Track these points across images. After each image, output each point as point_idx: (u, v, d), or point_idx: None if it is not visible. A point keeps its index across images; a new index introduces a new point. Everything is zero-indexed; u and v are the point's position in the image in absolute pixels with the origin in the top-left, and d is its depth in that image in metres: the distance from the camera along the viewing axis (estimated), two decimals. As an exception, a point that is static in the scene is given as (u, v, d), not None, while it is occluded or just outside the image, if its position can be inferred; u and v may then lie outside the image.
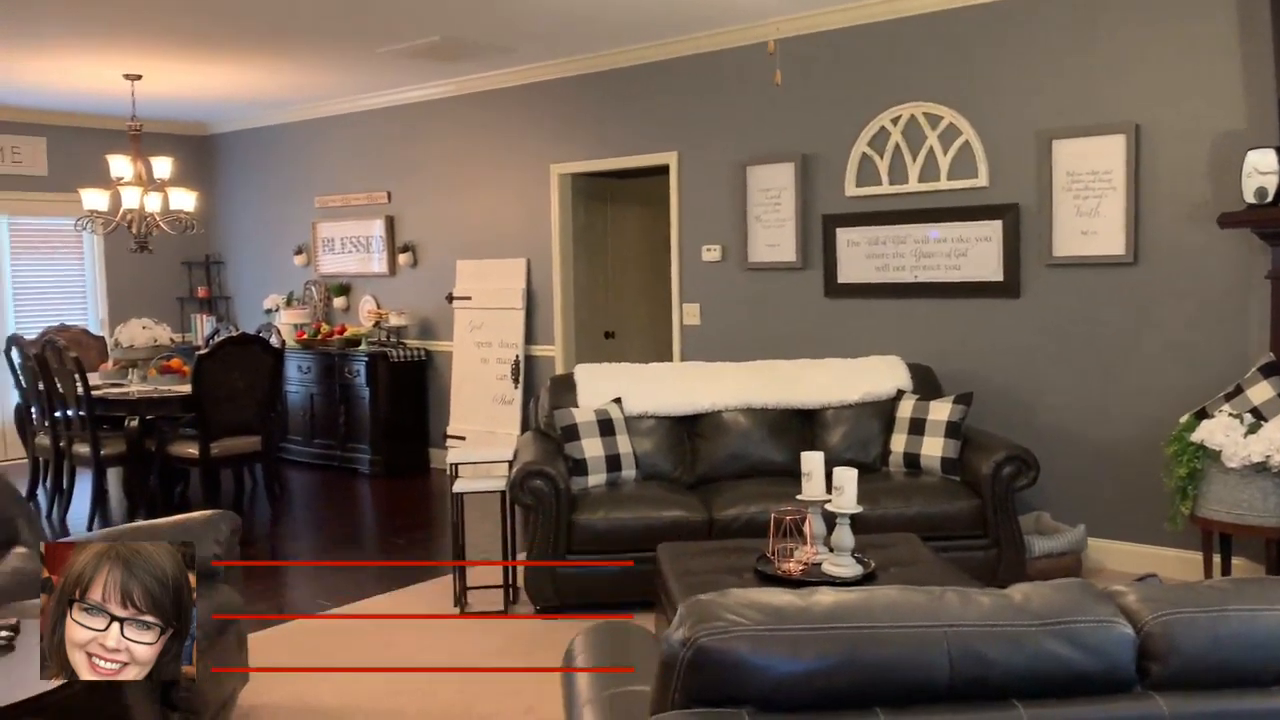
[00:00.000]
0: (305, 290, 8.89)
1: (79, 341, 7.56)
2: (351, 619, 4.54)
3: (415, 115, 7.96)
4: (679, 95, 6.43)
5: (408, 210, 8.15)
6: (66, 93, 7.71)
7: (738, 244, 6.22)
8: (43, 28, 5.76)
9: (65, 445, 6.38)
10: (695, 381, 5.17)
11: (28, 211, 8.59)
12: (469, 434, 7.56)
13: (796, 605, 1.63)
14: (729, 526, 4.46)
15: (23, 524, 3.37)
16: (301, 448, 8.30)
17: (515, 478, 4.46)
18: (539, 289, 7.27)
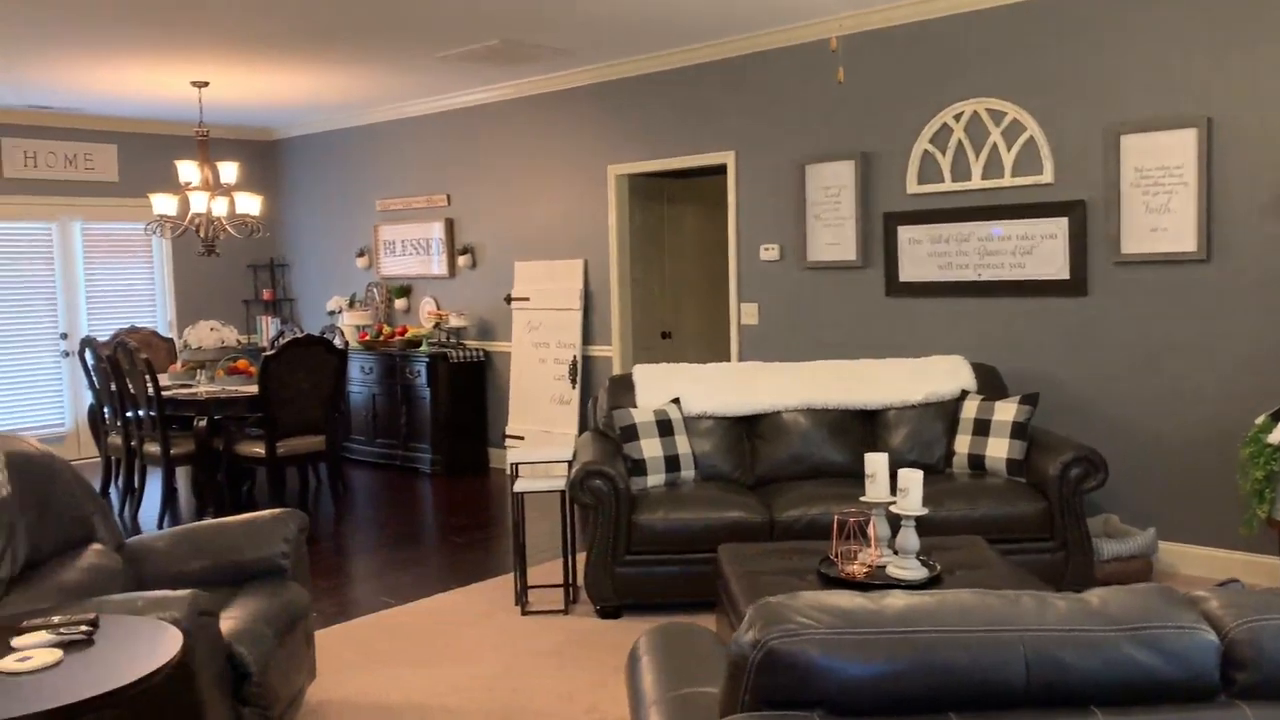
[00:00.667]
0: (367, 292, 9.02)
1: (149, 343, 7.75)
2: (415, 617, 4.59)
3: (474, 118, 8.04)
4: (737, 94, 6.41)
5: (467, 213, 8.22)
6: (136, 101, 7.91)
7: (796, 243, 6.18)
8: (113, 38, 5.91)
9: (136, 445, 6.54)
10: (754, 382, 5.15)
11: (100, 217, 8.83)
12: (527, 434, 7.61)
13: (868, 608, 1.61)
14: (790, 528, 4.43)
15: (98, 521, 3.46)
16: (364, 447, 8.42)
17: (575, 477, 4.48)
18: (596, 289, 7.29)
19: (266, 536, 3.54)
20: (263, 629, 3.10)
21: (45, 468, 3.29)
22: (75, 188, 8.67)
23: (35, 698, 2.16)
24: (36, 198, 8.46)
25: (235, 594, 3.34)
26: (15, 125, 8.28)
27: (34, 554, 3.10)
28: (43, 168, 8.47)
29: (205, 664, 2.76)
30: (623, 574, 4.45)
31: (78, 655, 2.39)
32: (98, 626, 2.53)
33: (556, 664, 3.99)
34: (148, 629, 2.55)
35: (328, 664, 4.03)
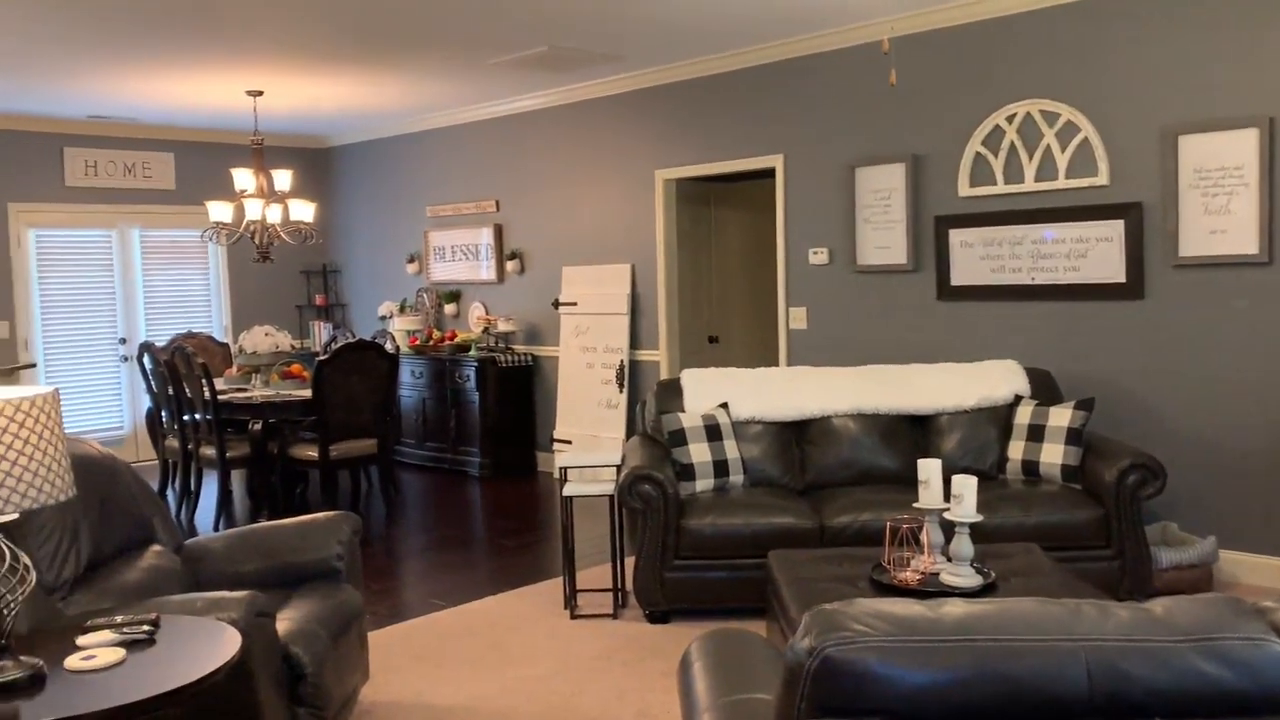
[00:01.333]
0: (417, 297, 9.11)
1: (205, 348, 7.90)
2: (465, 619, 4.62)
3: (522, 125, 8.09)
4: (785, 97, 6.38)
5: (515, 218, 8.28)
6: (193, 110, 8.06)
7: (846, 246, 6.14)
8: (171, 49, 6.04)
9: (193, 448, 6.66)
10: (804, 386, 5.12)
11: (157, 224, 9.02)
12: (574, 438, 7.64)
13: (926, 616, 1.59)
14: (840, 534, 4.40)
15: (158, 523, 3.53)
16: (414, 450, 8.50)
17: (624, 482, 4.48)
18: (643, 294, 7.30)
19: (321, 539, 3.58)
20: (318, 630, 3.15)
21: (107, 470, 3.36)
22: (134, 196, 8.86)
23: (100, 696, 2.21)
24: (97, 206, 8.66)
25: (290, 595, 3.39)
26: (77, 135, 8.49)
27: (96, 554, 3.17)
28: (103, 176, 8.67)
29: (262, 664, 2.80)
30: (672, 579, 4.44)
31: (140, 654, 2.43)
32: (159, 626, 2.57)
33: (606, 668, 3.99)
34: (207, 629, 2.59)
35: (380, 665, 4.07)
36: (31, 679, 2.25)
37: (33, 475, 2.19)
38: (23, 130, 8.22)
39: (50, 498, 2.22)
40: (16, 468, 2.16)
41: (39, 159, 8.35)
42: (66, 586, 3.00)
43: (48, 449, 2.23)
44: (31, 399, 2.21)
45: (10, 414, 2.16)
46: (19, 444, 2.17)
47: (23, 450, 2.17)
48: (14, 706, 2.18)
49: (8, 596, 2.24)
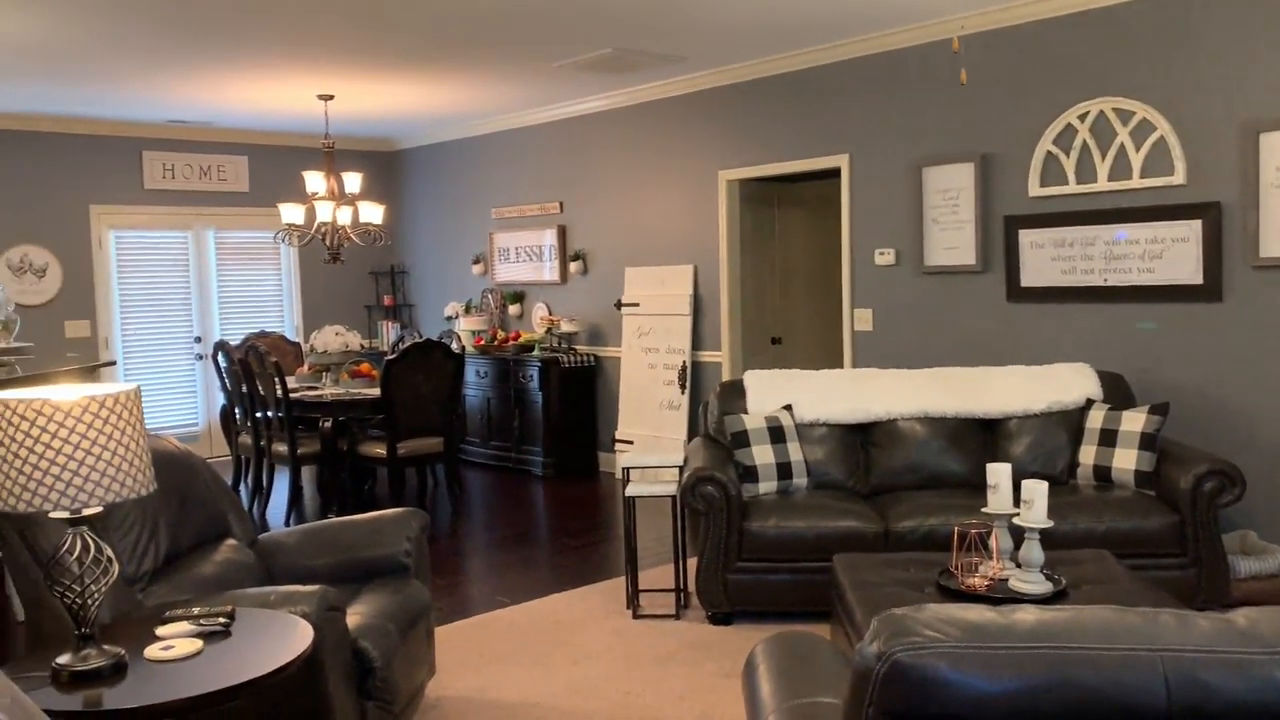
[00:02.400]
0: (483, 298, 9.21)
1: (277, 347, 8.07)
2: (529, 616, 4.66)
3: (586, 127, 8.13)
4: (850, 97, 6.33)
5: (578, 219, 8.32)
6: (266, 114, 8.25)
7: (913, 247, 6.07)
8: (246, 55, 6.18)
9: (265, 444, 6.81)
10: (869, 389, 5.07)
11: (232, 225, 9.24)
12: (636, 438, 7.66)
13: (997, 622, 1.57)
14: (906, 539, 4.35)
15: (233, 518, 3.62)
16: (478, 449, 8.60)
17: (686, 483, 4.48)
18: (706, 295, 7.30)
19: (390, 535, 3.64)
20: (386, 625, 3.20)
21: (185, 466, 3.46)
22: (209, 198, 9.09)
23: (178, 685, 2.28)
24: (174, 208, 8.90)
25: (360, 590, 3.45)
26: (155, 139, 8.73)
27: (174, 548, 3.26)
28: (179, 179, 8.91)
29: (333, 658, 2.86)
30: (734, 581, 4.43)
31: (216, 646, 2.50)
32: (234, 619, 2.64)
33: (669, 669, 4.00)
34: (280, 623, 2.66)
35: (446, 661, 4.12)
36: (114, 667, 2.33)
37: (116, 470, 2.26)
38: (104, 135, 8.48)
39: (132, 492, 2.30)
40: (100, 462, 2.23)
41: (119, 162, 8.60)
42: (146, 578, 3.10)
43: (130, 445, 2.30)
44: (115, 396, 2.28)
45: (95, 410, 2.24)
46: (103, 439, 2.24)
47: (106, 445, 2.24)
48: (98, 693, 2.26)
49: (92, 587, 2.32)
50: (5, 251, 8.06)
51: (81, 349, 8.31)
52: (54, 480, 2.18)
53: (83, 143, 8.41)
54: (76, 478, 2.20)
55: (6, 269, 8.06)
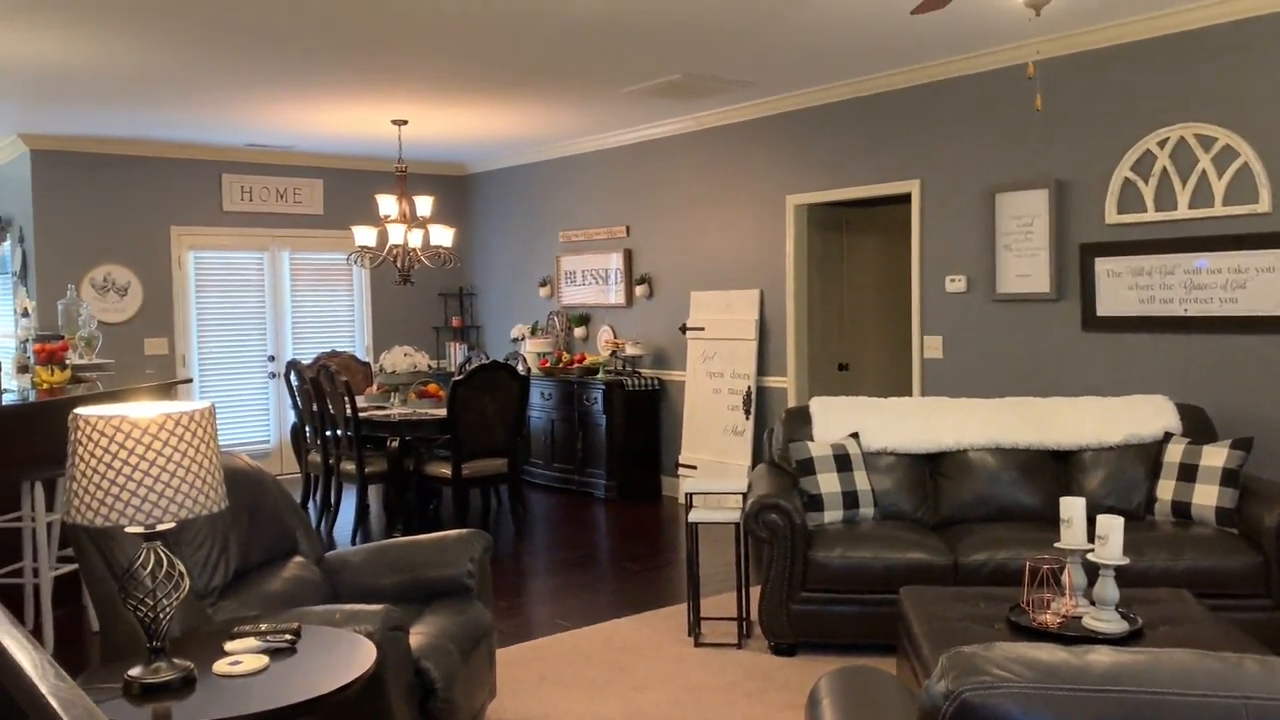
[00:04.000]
0: (548, 320, 9.28)
1: (347, 367, 8.21)
2: (590, 641, 4.64)
3: (654, 151, 8.17)
4: (922, 122, 6.27)
5: (645, 243, 8.35)
6: (341, 139, 8.44)
7: (985, 274, 5.97)
8: (323, 81, 6.34)
9: (334, 462, 6.91)
10: (939, 417, 4.98)
11: (306, 247, 9.45)
12: (700, 463, 7.62)
13: (1071, 663, 1.52)
14: (976, 572, 4.25)
15: (301, 535, 3.68)
16: (542, 470, 8.64)
17: (750, 510, 4.44)
18: (772, 320, 7.25)
19: (454, 555, 3.67)
20: (448, 645, 3.21)
21: (255, 483, 3.52)
22: (284, 220, 9.31)
23: (244, 701, 2.30)
24: (251, 229, 9.14)
25: (423, 610, 3.48)
26: (234, 162, 8.98)
27: (243, 563, 3.32)
28: (257, 201, 9.14)
29: (395, 677, 2.88)
30: (798, 611, 4.37)
31: (282, 663, 2.53)
32: (300, 636, 2.67)
33: (730, 698, 3.95)
34: (345, 641, 2.68)
35: (506, 683, 4.12)
36: (183, 681, 2.37)
37: (189, 487, 2.31)
38: (186, 158, 8.75)
39: (205, 509, 2.34)
40: (175, 479, 2.28)
41: (200, 185, 8.86)
42: (216, 593, 3.15)
43: (204, 462, 2.34)
44: (190, 413, 2.33)
45: (171, 428, 2.29)
46: (178, 456, 2.29)
47: (181, 463, 2.29)
48: (166, 707, 2.30)
49: (164, 601, 2.36)
50: (89, 270, 8.34)
51: (159, 366, 8.55)
52: (130, 495, 2.24)
53: (165, 166, 8.68)
54: (152, 493, 2.25)
55: (90, 287, 8.33)
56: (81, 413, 2.29)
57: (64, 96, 6.63)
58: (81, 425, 2.27)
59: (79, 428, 2.28)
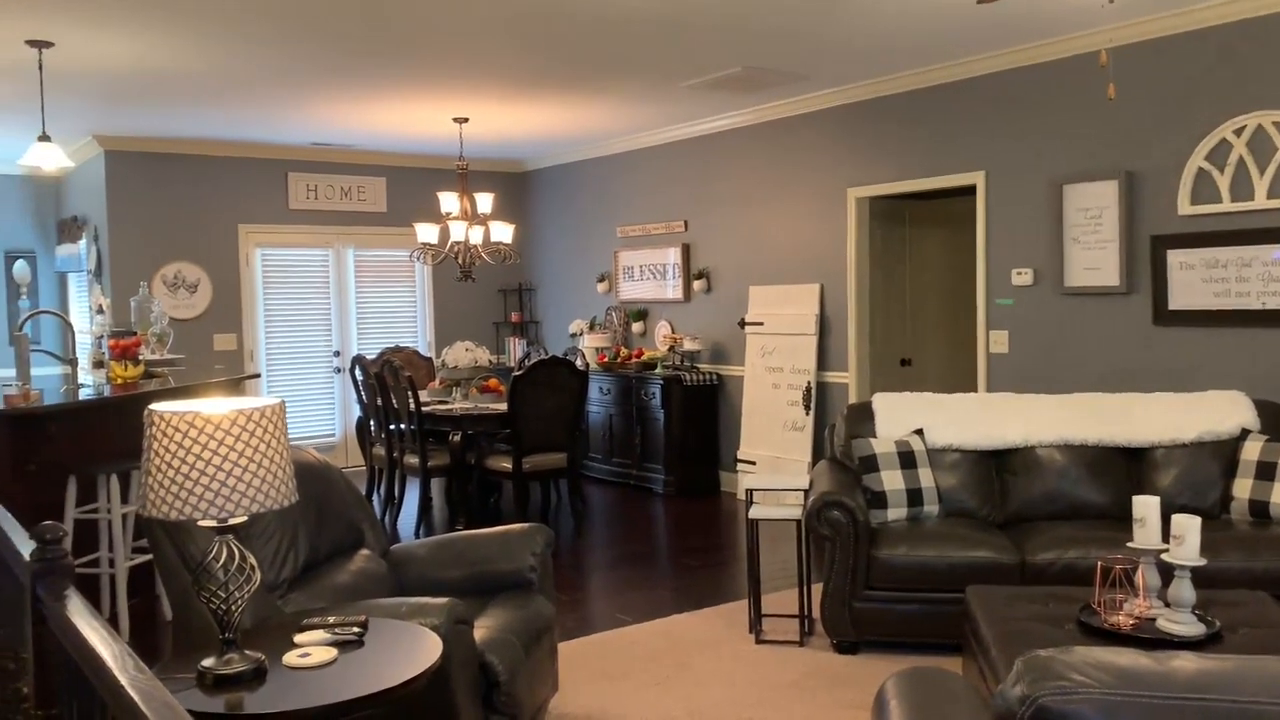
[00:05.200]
0: (606, 315, 9.30)
1: (410, 361, 8.31)
2: (650, 636, 4.64)
3: (712, 145, 8.14)
4: (987, 113, 6.15)
5: (703, 238, 8.32)
6: (404, 137, 8.53)
7: (1052, 267, 5.85)
8: (387, 80, 6.41)
9: (398, 456, 7.00)
10: (1005, 414, 4.89)
11: (370, 244, 9.58)
12: (759, 459, 7.58)
13: (1153, 670, 1.48)
14: (1044, 571, 4.17)
15: (367, 528, 3.73)
16: (601, 465, 8.66)
17: (812, 507, 4.40)
18: (832, 315, 7.18)
19: (516, 550, 3.69)
20: (511, 639, 3.23)
21: (323, 477, 3.57)
22: (349, 218, 9.44)
23: (314, 693, 2.34)
24: (316, 227, 9.28)
25: (487, 604, 3.50)
26: (300, 161, 9.13)
27: (312, 556, 3.37)
28: (322, 199, 9.28)
29: (460, 670, 2.90)
30: (861, 609, 4.33)
31: (350, 655, 2.56)
32: (367, 629, 2.70)
33: (792, 696, 3.92)
34: (411, 634, 2.71)
35: (568, 677, 4.14)
36: (255, 672, 2.41)
37: (260, 481, 2.35)
38: (253, 157, 8.91)
39: (275, 503, 2.38)
40: (247, 474, 2.32)
41: (266, 183, 9.02)
42: (285, 585, 3.20)
43: (275, 457, 2.38)
44: (261, 409, 2.37)
45: (243, 424, 2.33)
46: (249, 451, 2.33)
47: (252, 458, 2.33)
48: (239, 697, 2.34)
49: (236, 594, 2.41)
50: (161, 268, 8.53)
51: (228, 361, 8.73)
52: (203, 490, 2.28)
53: (233, 165, 8.85)
54: (224, 488, 2.29)
55: (161, 284, 8.53)
56: (156, 408, 2.34)
57: (138, 98, 6.79)
58: (156, 421, 2.32)
59: (154, 423, 2.32)
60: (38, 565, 1.96)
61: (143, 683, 1.44)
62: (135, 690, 1.41)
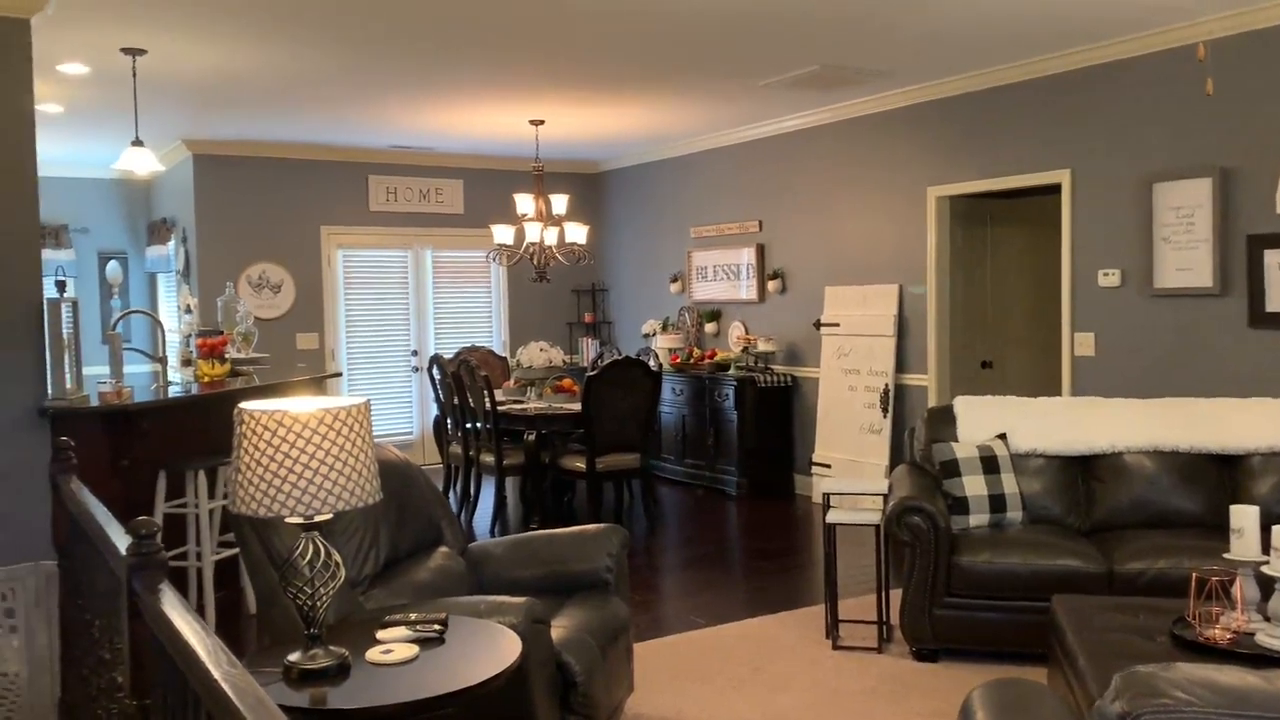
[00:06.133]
0: (679, 316, 9.28)
1: (486, 361, 8.39)
2: (725, 639, 4.62)
3: (788, 144, 8.07)
4: (1073, 109, 5.99)
5: (778, 238, 8.26)
6: (480, 139, 8.62)
7: (1141, 267, 5.67)
8: (466, 83, 6.48)
9: (474, 454, 7.08)
10: (1092, 418, 4.76)
11: (447, 245, 9.70)
12: (834, 462, 7.49)
13: (1260, 689, 1.42)
14: (1133, 582, 4.04)
15: (445, 526, 3.77)
16: (673, 466, 8.64)
17: (892, 512, 4.33)
18: (911, 316, 7.07)
19: (592, 550, 3.70)
20: (588, 639, 3.24)
21: (403, 475, 3.62)
22: (427, 219, 9.58)
23: (396, 689, 2.37)
24: (395, 228, 9.44)
25: (563, 603, 3.51)
26: (380, 164, 9.29)
27: (392, 553, 3.42)
28: (401, 201, 9.43)
29: (538, 670, 2.91)
30: (941, 616, 4.24)
31: (431, 652, 2.59)
32: (447, 626, 2.73)
33: (870, 704, 3.87)
34: (490, 632, 2.73)
35: (642, 678, 4.13)
36: (339, 668, 2.45)
37: (346, 479, 2.38)
38: (334, 160, 9.09)
39: (361, 500, 2.41)
40: (334, 472, 2.35)
41: (347, 186, 9.20)
42: (366, 582, 3.25)
43: (360, 455, 2.41)
44: (347, 409, 2.41)
45: (329, 422, 2.37)
46: (336, 449, 2.36)
47: (339, 456, 2.36)
48: (323, 692, 2.38)
49: (321, 590, 2.45)
50: (246, 269, 8.75)
51: (310, 360, 8.92)
52: (291, 487, 2.32)
53: (316, 168, 9.04)
54: (311, 485, 2.33)
55: (247, 285, 8.75)
56: (246, 407, 2.39)
57: (225, 103, 6.98)
58: (246, 419, 2.37)
59: (244, 422, 2.37)
60: (133, 560, 2.01)
61: (235, 677, 1.47)
62: (228, 684, 1.44)
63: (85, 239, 9.74)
